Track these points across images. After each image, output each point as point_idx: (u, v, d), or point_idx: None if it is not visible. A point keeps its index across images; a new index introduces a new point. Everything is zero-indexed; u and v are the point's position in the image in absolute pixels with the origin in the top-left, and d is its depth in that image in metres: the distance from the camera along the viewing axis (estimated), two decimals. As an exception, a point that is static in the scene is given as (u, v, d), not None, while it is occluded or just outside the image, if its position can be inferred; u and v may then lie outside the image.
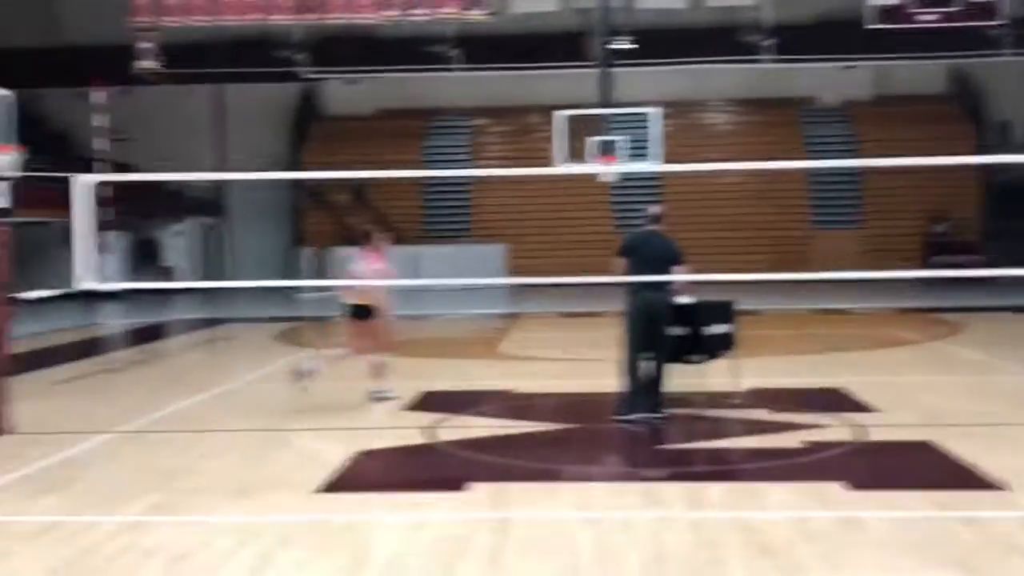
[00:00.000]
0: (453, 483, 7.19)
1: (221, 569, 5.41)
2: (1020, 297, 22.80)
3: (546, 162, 25.88)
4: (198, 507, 6.67)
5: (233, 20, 25.18)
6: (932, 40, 28.36)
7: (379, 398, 10.46)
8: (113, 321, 22.78)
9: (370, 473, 7.77)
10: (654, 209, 9.55)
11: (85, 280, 9.11)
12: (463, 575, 5.28)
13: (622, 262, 9.16)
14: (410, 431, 9.05)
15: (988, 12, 23.73)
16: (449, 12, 25.01)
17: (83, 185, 9.07)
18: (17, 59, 33.90)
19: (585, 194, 32.48)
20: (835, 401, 10.25)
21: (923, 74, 34.39)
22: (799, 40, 31.38)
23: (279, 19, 25.41)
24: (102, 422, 9.76)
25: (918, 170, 30.76)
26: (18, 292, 12.59)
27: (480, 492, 6.91)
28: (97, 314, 24.21)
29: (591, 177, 26.06)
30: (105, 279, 16.32)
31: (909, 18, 24.07)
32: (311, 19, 25.54)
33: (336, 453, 8.15)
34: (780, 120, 35.00)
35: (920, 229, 33.02)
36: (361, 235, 11.07)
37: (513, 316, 22.35)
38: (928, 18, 24.12)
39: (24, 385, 11.79)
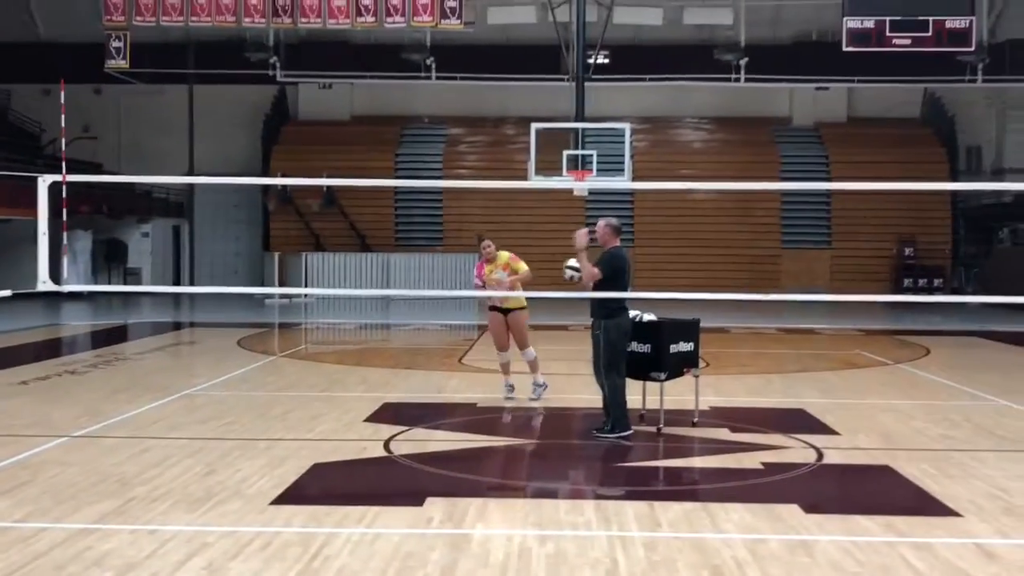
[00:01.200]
0: (410, 497, 7.14)
1: (169, 580, 5.35)
2: (986, 321, 23.03)
3: (520, 174, 25.92)
4: (151, 515, 6.58)
5: (207, 21, 25.05)
6: (906, 64, 28.72)
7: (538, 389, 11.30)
8: (76, 322, 22.54)
9: (326, 485, 7.70)
10: (616, 221, 9.50)
11: (48, 281, 9.00)
12: (414, 591, 5.23)
13: (597, 275, 9.10)
14: (368, 443, 9.00)
15: (960, 39, 24.00)
16: (426, 21, 25.00)
17: (49, 184, 8.96)
18: (-13, 54, 33.70)
19: (559, 207, 32.52)
20: (797, 422, 10.29)
21: (896, 98, 34.75)
22: (775, 60, 31.68)
23: (253, 22, 25.29)
24: (59, 425, 9.64)
25: (889, 193, 31.12)
26: (-22, 290, 12.39)
27: (436, 506, 6.86)
28: (60, 314, 23.97)
29: (566, 190, 26.09)
30: (69, 280, 16.13)
31: (883, 42, 24.30)
32: (285, 24, 25.44)
33: (293, 464, 8.09)
34: (755, 139, 35.24)
35: (889, 251, 33.33)
36: (477, 240, 11.67)
37: (481, 327, 22.30)
38: (902, 43, 24.36)
39: (-20, 385, 11.65)
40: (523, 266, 11.47)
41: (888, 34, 24.05)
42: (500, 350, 11.47)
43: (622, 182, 22.56)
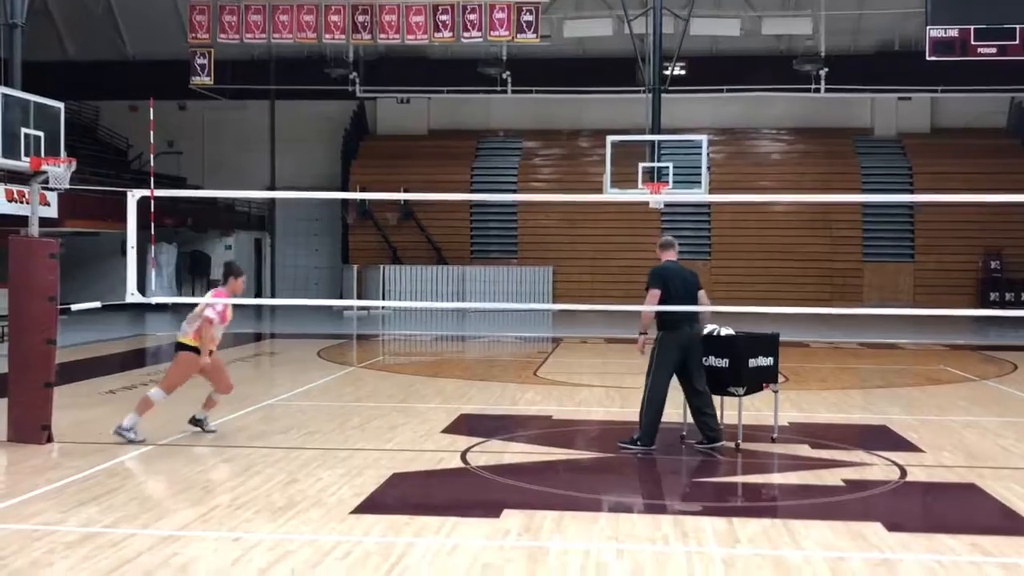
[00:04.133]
0: (487, 509, 7.18)
1: (252, 587, 5.45)
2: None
3: (595, 186, 25.89)
4: (235, 523, 6.71)
5: (288, 38, 25.53)
6: (991, 73, 28.07)
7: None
8: (160, 332, 23.07)
9: (404, 495, 7.77)
10: (669, 237, 9.65)
11: (136, 293, 9.24)
12: (492, 603, 5.25)
13: (656, 294, 9.16)
14: (446, 454, 9.06)
15: (1049, 46, 23.38)
16: (502, 35, 25.15)
17: (138, 199, 9.22)
18: (76, 72, 34.76)
19: (634, 220, 32.42)
20: (879, 438, 10.11)
21: (981, 107, 33.97)
22: (856, 70, 31.20)
23: (333, 38, 25.72)
24: (145, 434, 9.86)
25: (974, 205, 30.39)
26: (68, 302, 12.75)
27: (514, 518, 6.88)
28: (145, 325, 24.56)
29: (641, 203, 25.99)
30: (155, 292, 16.51)
31: (968, 51, 23.78)
32: (365, 40, 25.82)
33: (372, 473, 8.19)
34: (835, 150, 34.72)
35: (974, 265, 32.54)
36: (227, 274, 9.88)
37: (556, 340, 22.32)
38: (987, 51, 23.81)
39: (70, 394, 12.02)
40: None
41: (973, 43, 23.53)
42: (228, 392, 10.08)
43: (699, 194, 22.40)
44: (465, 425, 10.61)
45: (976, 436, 10.27)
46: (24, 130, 9.23)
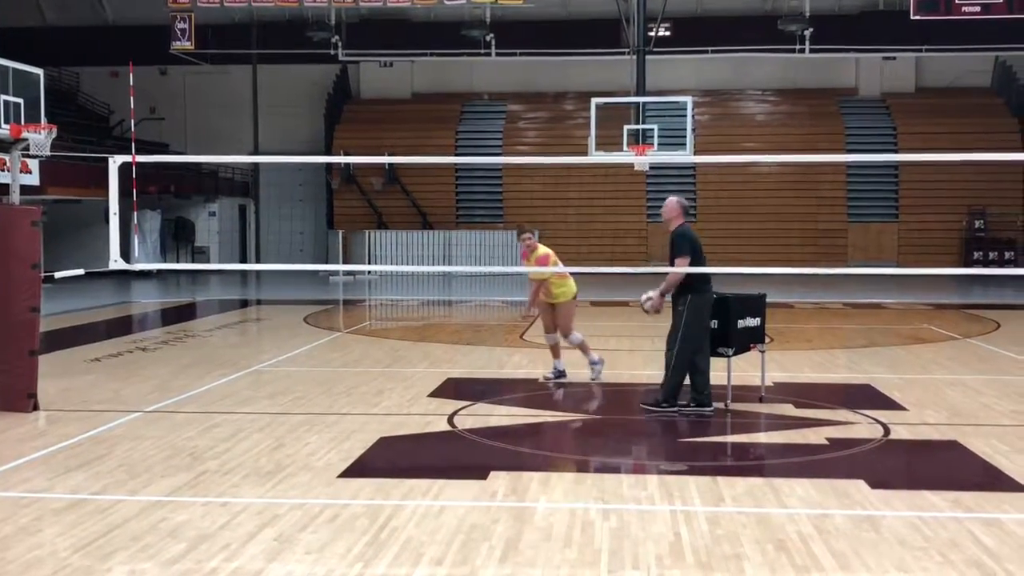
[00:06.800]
0: (473, 471, 7.22)
1: (243, 550, 5.47)
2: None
3: (580, 149, 25.83)
4: (223, 488, 6.74)
5: (269, 2, 25.29)
6: (976, 32, 28.02)
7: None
8: (146, 300, 23.02)
9: (392, 458, 7.81)
10: (684, 200, 9.51)
11: (119, 259, 9.19)
12: (480, 562, 5.30)
13: (687, 260, 8.98)
14: (432, 417, 9.10)
15: (1033, 4, 23.37)
16: (485, -3, 24.97)
17: (119, 165, 9.14)
18: (55, 38, 34.39)
19: (619, 183, 32.39)
20: (863, 397, 10.19)
21: (966, 66, 33.94)
22: (841, 30, 31.12)
23: (315, 2, 25.48)
24: (131, 401, 9.88)
25: (958, 164, 30.46)
26: (51, 270, 12.71)
27: (500, 480, 6.93)
28: (130, 292, 24.48)
29: (626, 165, 25.96)
30: (138, 259, 16.47)
31: (953, 9, 23.72)
32: (347, 3, 25.60)
33: (359, 437, 8.22)
34: (820, 111, 34.69)
35: (958, 224, 32.66)
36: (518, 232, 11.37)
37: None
38: (972, 10, 23.77)
39: (56, 362, 12.00)
40: (548, 271, 10.77)
41: (957, 1, 23.47)
42: (546, 332, 11.24)
43: (684, 156, 22.37)
44: (452, 389, 10.65)
45: (959, 394, 10.36)
46: (3, 97, 9.16)
